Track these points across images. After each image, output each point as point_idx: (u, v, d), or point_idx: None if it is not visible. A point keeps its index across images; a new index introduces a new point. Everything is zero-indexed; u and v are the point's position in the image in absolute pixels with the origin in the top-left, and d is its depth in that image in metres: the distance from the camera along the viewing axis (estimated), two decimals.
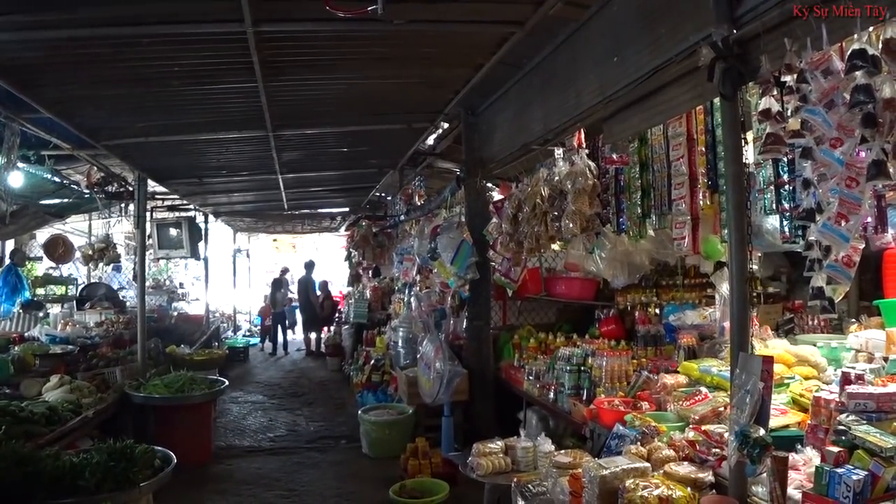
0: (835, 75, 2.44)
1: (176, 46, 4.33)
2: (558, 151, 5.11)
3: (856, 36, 2.36)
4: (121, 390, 6.97)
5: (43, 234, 12.42)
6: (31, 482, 3.93)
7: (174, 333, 11.39)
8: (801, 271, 5.40)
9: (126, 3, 3.71)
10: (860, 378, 3.24)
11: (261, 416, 9.75)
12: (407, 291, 10.40)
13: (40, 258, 12.83)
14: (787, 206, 3.23)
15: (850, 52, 2.35)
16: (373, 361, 10.20)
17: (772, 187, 3.33)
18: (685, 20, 3.40)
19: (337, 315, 16.43)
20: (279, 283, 17.15)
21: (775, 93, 2.74)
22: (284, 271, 18.07)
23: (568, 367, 5.30)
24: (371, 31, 4.30)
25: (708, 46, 2.98)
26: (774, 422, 3.18)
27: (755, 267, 4.83)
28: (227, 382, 8.19)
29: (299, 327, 17.67)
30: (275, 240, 23.28)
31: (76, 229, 13.21)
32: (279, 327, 16.80)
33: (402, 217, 11.18)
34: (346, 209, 14.89)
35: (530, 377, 6.02)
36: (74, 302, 11.68)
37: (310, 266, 16.49)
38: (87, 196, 9.29)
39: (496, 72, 5.38)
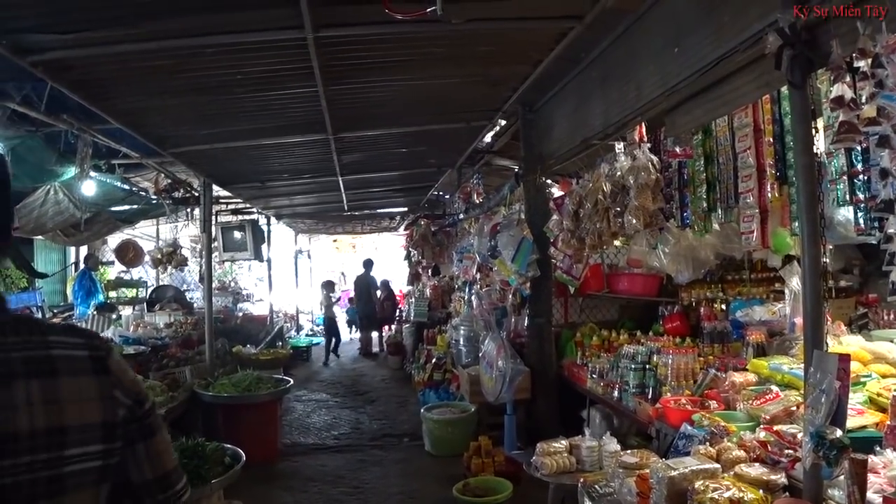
0: None
1: (238, 55, 4.43)
2: (619, 146, 5.01)
3: None
4: (190, 389, 7.17)
5: (114, 240, 12.88)
6: None
7: (240, 334, 11.69)
8: (874, 264, 5.22)
9: (189, 16, 3.80)
10: None
11: (324, 414, 9.90)
12: (467, 290, 10.40)
13: (112, 262, 13.35)
14: (861, 196, 3.08)
15: None
16: (434, 360, 10.26)
17: (845, 178, 3.19)
18: (749, 6, 3.29)
19: (398, 314, 16.52)
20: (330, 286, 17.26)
21: (848, 79, 2.63)
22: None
23: (632, 366, 5.22)
24: (429, 31, 4.31)
25: (774, 33, 2.86)
26: (851, 422, 3.05)
27: (827, 260, 4.66)
28: (291, 381, 8.33)
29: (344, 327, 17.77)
30: (335, 240, 23.55)
31: (145, 234, 13.67)
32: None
33: (461, 215, 11.19)
34: (405, 209, 15.00)
35: (593, 375, 5.95)
36: (145, 304, 12.11)
37: (369, 264, 16.33)
38: (154, 202, 9.62)
39: (554, 67, 5.32)
